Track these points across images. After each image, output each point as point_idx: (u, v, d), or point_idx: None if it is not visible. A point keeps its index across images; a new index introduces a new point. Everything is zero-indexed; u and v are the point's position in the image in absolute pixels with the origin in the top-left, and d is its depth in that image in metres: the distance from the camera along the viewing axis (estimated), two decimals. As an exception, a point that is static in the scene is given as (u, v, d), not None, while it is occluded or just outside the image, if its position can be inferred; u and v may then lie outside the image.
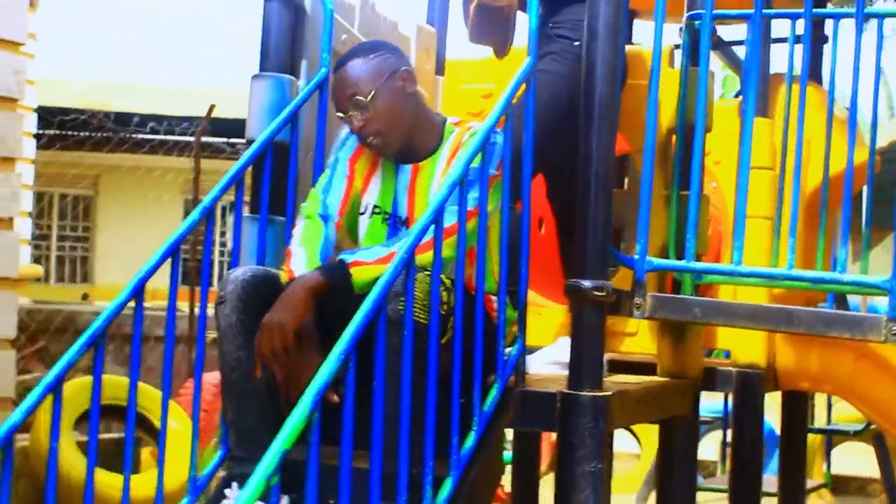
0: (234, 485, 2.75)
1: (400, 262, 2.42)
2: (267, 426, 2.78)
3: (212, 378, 6.33)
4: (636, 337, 3.86)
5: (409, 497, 2.45)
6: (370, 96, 2.88)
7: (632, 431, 8.12)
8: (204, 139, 7.29)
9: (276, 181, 3.14)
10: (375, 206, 3.04)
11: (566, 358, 3.54)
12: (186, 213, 15.88)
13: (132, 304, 2.72)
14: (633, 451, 8.39)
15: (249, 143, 3.18)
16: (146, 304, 2.70)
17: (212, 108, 7.02)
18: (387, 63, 2.93)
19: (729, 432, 6.59)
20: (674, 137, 3.50)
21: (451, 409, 2.63)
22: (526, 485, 4.70)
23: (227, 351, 2.79)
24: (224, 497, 2.75)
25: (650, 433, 8.12)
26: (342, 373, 2.21)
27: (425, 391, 2.52)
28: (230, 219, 15.11)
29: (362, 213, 3.04)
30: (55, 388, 2.43)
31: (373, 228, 3.03)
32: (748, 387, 4.12)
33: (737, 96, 5.45)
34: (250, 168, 3.08)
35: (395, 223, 3.00)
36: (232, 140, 10.54)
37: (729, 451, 6.75)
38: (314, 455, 2.12)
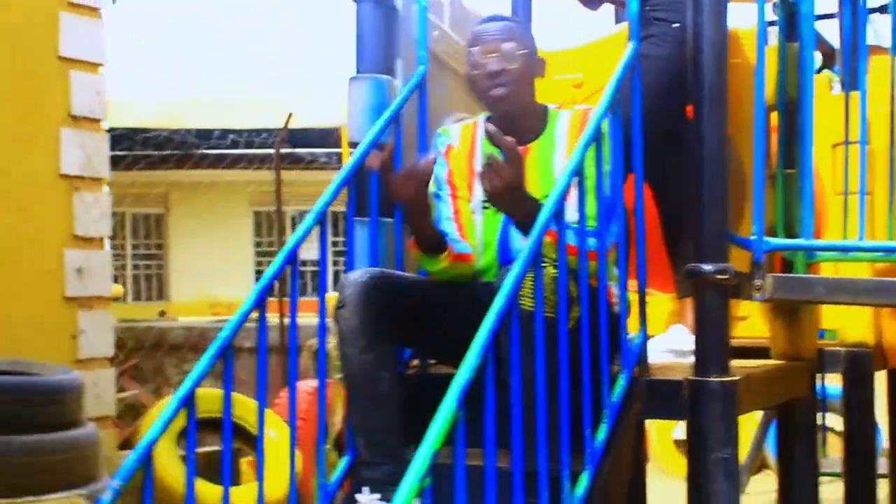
0: (365, 489, 2.72)
1: (528, 257, 2.38)
2: (394, 429, 2.76)
3: (307, 386, 6.35)
4: (747, 321, 3.79)
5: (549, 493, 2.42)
6: (520, 52, 2.98)
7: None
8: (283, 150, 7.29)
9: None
10: (483, 202, 3.02)
11: (680, 345, 3.50)
12: (257, 225, 15.94)
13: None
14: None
15: (352, 146, 3.16)
16: (225, 318, 2.67)
17: (289, 117, 7.01)
18: (534, 44, 3.09)
19: (828, 415, 6.52)
20: (772, 115, 3.44)
21: (579, 402, 2.60)
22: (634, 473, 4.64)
23: (351, 355, 2.75)
24: (355, 502, 2.72)
25: (744, 420, 8.00)
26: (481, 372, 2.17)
27: (556, 385, 2.48)
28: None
29: (474, 213, 3.03)
30: (188, 401, 2.42)
31: (487, 222, 3.02)
32: (858, 366, 4.03)
33: (818, 71, 5.35)
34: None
35: None
36: (312, 150, 10.52)
37: (829, 434, 6.67)
38: (461, 455, 2.09)
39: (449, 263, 2.94)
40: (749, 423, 7.90)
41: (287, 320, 6.60)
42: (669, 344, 3.54)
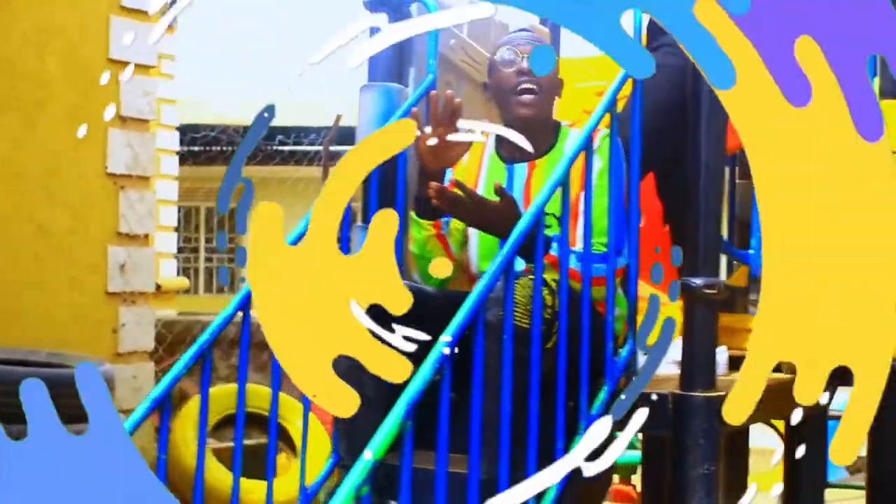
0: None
1: (499, 267, 2.40)
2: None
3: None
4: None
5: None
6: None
7: (774, 426, 7.92)
8: (332, 148, 7.43)
9: (382, 189, 3.14)
10: None
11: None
12: (325, 221, 16.12)
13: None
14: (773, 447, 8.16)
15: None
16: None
17: (338, 117, 7.14)
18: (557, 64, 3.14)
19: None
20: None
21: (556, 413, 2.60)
22: (656, 485, 4.61)
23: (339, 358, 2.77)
24: (334, 506, 2.75)
25: (796, 430, 7.87)
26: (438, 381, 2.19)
27: (528, 397, 2.49)
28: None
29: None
30: (162, 403, 2.47)
31: (483, 237, 3.03)
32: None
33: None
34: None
35: None
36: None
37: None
38: (407, 464, 2.11)
39: (430, 236, 3.00)
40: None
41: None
42: (676, 355, 3.50)
